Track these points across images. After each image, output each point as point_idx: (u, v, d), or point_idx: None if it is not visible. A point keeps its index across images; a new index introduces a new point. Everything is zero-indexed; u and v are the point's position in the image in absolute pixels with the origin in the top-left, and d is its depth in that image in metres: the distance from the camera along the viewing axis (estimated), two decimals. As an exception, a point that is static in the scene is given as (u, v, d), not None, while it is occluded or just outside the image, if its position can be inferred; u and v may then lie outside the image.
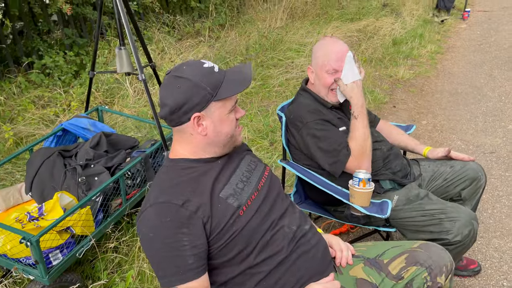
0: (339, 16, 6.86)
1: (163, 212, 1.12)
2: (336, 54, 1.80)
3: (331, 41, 1.88)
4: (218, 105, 1.19)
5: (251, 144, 3.35)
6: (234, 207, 1.20)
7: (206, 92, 1.16)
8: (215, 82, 1.17)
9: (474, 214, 1.70)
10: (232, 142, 1.28)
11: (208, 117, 1.19)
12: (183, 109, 1.16)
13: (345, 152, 1.73)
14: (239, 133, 1.30)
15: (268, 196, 1.32)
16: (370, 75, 4.93)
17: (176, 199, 1.13)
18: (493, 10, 8.97)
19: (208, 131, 1.21)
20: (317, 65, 1.84)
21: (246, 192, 1.26)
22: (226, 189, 1.23)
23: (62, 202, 1.93)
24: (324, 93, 1.86)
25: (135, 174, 2.25)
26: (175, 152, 1.28)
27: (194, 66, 1.19)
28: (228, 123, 1.23)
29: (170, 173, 1.24)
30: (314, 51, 1.89)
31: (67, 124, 2.40)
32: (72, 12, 3.58)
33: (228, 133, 1.24)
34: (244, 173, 1.32)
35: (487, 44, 6.43)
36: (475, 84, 4.79)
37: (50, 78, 4.10)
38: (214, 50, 5.00)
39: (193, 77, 1.16)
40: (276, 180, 1.44)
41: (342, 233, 2.45)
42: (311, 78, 1.91)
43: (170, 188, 1.17)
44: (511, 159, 3.13)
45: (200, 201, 1.16)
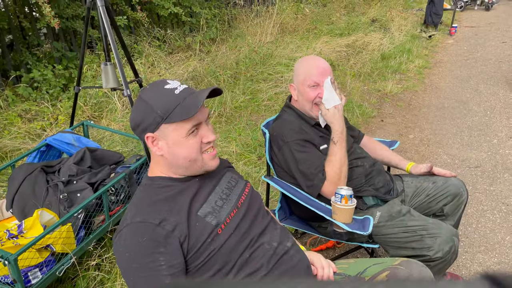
0: (328, 31, 6.95)
1: (140, 232, 1.11)
2: (316, 69, 1.83)
3: (311, 57, 1.92)
4: (171, 128, 1.17)
5: (239, 158, 3.35)
6: (212, 225, 1.20)
7: (156, 115, 1.15)
8: (169, 105, 1.15)
9: (455, 231, 1.70)
10: (198, 166, 1.24)
11: (162, 139, 1.19)
12: (139, 128, 1.19)
13: (320, 176, 1.73)
14: (211, 158, 1.25)
15: (248, 213, 1.31)
16: (359, 89, 4.97)
17: (153, 218, 1.13)
18: (480, 26, 9.14)
19: (163, 152, 1.20)
20: (298, 82, 1.87)
21: (225, 209, 1.26)
22: (205, 207, 1.23)
23: (43, 219, 1.91)
24: (309, 107, 1.87)
25: (119, 190, 2.23)
26: (152, 170, 1.28)
27: (155, 87, 1.20)
28: (186, 146, 1.18)
29: (148, 191, 1.23)
30: (296, 68, 1.92)
31: (51, 139, 2.39)
32: (60, 27, 3.58)
33: (187, 157, 1.20)
34: (223, 191, 1.32)
35: (474, 59, 6.54)
36: (461, 99, 4.86)
37: (38, 92, 4.08)
38: (204, 64, 5.02)
39: (148, 99, 1.17)
40: (257, 197, 1.44)
41: (329, 248, 2.44)
42: (294, 95, 1.93)
43: (147, 207, 1.17)
44: (495, 174, 3.16)
45: (177, 220, 1.15)
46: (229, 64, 5.08)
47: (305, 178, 1.77)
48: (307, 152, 1.78)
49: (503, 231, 2.53)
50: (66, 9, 4.56)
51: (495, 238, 2.47)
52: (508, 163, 3.30)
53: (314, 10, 7.88)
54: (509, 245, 2.40)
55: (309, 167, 1.75)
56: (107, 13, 2.32)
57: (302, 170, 1.77)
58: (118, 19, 4.78)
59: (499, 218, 2.65)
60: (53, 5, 4.31)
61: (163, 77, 4.43)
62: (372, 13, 8.44)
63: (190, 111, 1.14)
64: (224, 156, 3.35)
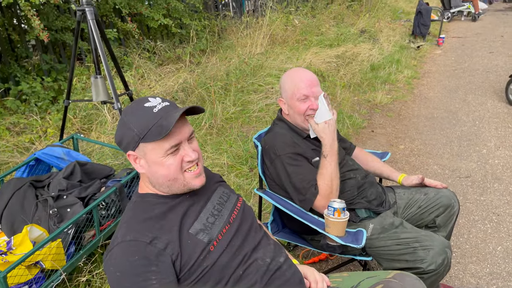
0: (318, 42, 7.00)
1: (131, 251, 1.09)
2: (304, 82, 1.85)
3: (297, 70, 1.93)
4: (150, 147, 1.15)
5: (230, 170, 3.34)
6: (204, 242, 1.19)
7: (134, 134, 1.15)
8: (145, 124, 1.13)
9: (448, 242, 1.71)
10: (179, 185, 1.21)
11: (142, 157, 1.18)
12: (122, 146, 1.20)
13: (312, 190, 1.73)
14: (193, 177, 1.22)
15: (240, 229, 1.30)
16: (349, 100, 5.01)
17: (144, 237, 1.11)
18: (467, 36, 9.30)
19: (145, 170, 1.20)
20: (287, 96, 1.88)
21: (217, 226, 1.25)
22: (196, 224, 1.22)
23: (32, 235, 1.87)
24: (301, 120, 1.88)
25: (110, 204, 2.20)
26: (142, 186, 1.27)
27: (135, 105, 1.19)
28: (164, 166, 1.16)
29: (138, 209, 1.21)
30: (283, 83, 1.92)
31: (40, 153, 2.36)
32: (49, 40, 3.56)
33: (167, 176, 1.18)
34: (215, 206, 1.31)
35: (461, 70, 6.64)
36: (450, 109, 4.92)
37: (26, 105, 4.04)
38: (195, 76, 5.02)
39: (127, 117, 1.17)
40: (250, 211, 1.43)
41: (321, 261, 2.44)
42: (284, 109, 1.94)
43: (137, 225, 1.15)
44: (485, 184, 3.19)
45: (169, 238, 1.14)
46: (219, 76, 5.08)
47: (297, 192, 1.77)
48: (299, 166, 1.77)
49: (494, 241, 2.54)
50: (55, 21, 4.54)
51: (487, 249, 2.48)
52: (497, 172, 3.34)
53: (303, 21, 7.95)
54: (501, 255, 2.42)
55: (301, 181, 1.75)
56: (97, 26, 2.31)
57: (294, 184, 1.76)
58: (108, 32, 4.78)
59: (490, 228, 2.67)
60: (42, 18, 4.29)
61: (153, 89, 4.42)
62: (361, 24, 8.54)
63: (162, 132, 1.12)
64: (216, 168, 3.34)
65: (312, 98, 1.85)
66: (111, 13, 5.17)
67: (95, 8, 2.34)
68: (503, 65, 6.66)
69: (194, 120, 4.07)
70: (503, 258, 2.40)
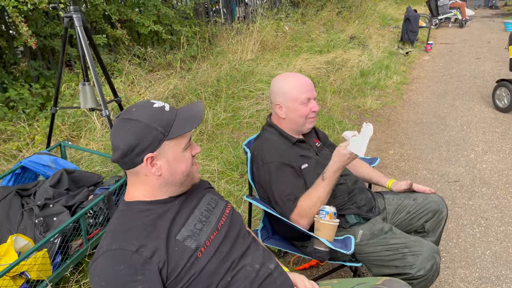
0: (308, 49, 7.04)
1: (116, 260, 1.08)
2: (305, 86, 1.88)
3: (294, 74, 1.95)
4: (172, 144, 1.18)
5: (221, 176, 3.32)
6: (192, 249, 1.17)
7: (158, 132, 1.15)
8: (167, 121, 1.17)
9: (437, 248, 1.72)
10: (189, 180, 1.27)
11: (162, 157, 1.18)
12: (135, 151, 1.15)
13: (290, 205, 1.73)
14: (196, 170, 1.29)
15: (228, 235, 1.29)
16: (339, 106, 5.04)
17: (130, 245, 1.10)
18: (454, 43, 9.42)
19: (162, 171, 1.19)
20: (288, 100, 1.86)
21: (205, 232, 1.24)
22: (184, 230, 1.20)
23: (17, 245, 1.84)
24: (302, 122, 1.90)
25: (98, 213, 2.18)
26: (130, 194, 1.25)
27: (143, 107, 1.19)
28: (183, 161, 1.22)
29: (124, 217, 1.20)
30: (279, 87, 1.90)
31: (26, 161, 2.33)
32: (37, 46, 3.53)
33: (185, 171, 1.23)
34: (203, 213, 1.30)
35: (449, 75, 6.71)
36: (438, 114, 4.96)
37: (14, 111, 3.99)
38: (185, 82, 5.01)
39: (143, 118, 1.15)
40: (238, 218, 1.42)
41: (312, 267, 2.43)
42: (281, 114, 1.90)
43: (123, 234, 1.14)
44: (474, 188, 3.21)
45: (156, 245, 1.12)
46: (210, 82, 5.08)
47: (275, 203, 1.78)
48: (283, 177, 1.77)
49: (483, 245, 2.56)
50: (44, 28, 4.51)
51: (476, 253, 2.49)
52: (485, 177, 3.37)
53: (294, 28, 8.00)
54: (489, 259, 2.43)
55: (281, 193, 1.75)
56: (85, 32, 2.30)
57: (273, 194, 1.78)
58: (98, 38, 4.75)
59: (478, 232, 2.69)
60: (30, 24, 4.25)
61: (143, 96, 4.40)
62: (350, 31, 8.61)
63: (194, 122, 1.20)
64: (206, 174, 3.32)
65: (313, 100, 1.89)
66: (100, 19, 5.14)
67: (82, 14, 2.32)
68: (490, 70, 6.75)
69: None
70: (491, 262, 2.41)
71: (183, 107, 1.26)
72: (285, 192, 1.75)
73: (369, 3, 11.51)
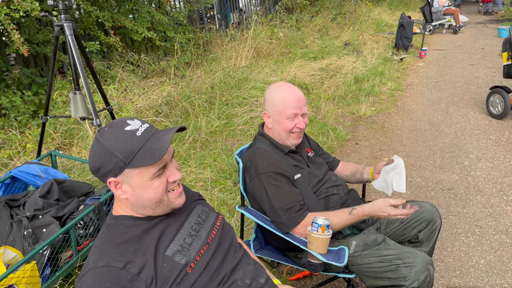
0: (302, 55, 7.05)
1: (103, 277, 1.05)
2: (294, 100, 1.85)
3: (286, 86, 1.92)
4: (135, 172, 1.11)
5: (214, 185, 3.30)
6: (181, 264, 1.15)
7: (118, 160, 1.09)
8: (131, 150, 1.09)
9: (430, 259, 1.70)
10: (164, 206, 1.19)
11: (126, 183, 1.13)
12: (100, 172, 1.13)
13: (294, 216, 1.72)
14: (176, 196, 1.21)
15: (219, 249, 1.27)
16: (333, 112, 5.03)
17: (117, 262, 1.07)
18: (448, 49, 9.48)
19: (128, 195, 1.15)
20: (275, 112, 1.87)
21: (195, 247, 1.22)
22: (173, 245, 1.18)
23: (6, 257, 1.81)
24: (285, 136, 1.89)
25: (88, 223, 2.15)
26: (117, 209, 1.23)
27: (115, 129, 1.13)
28: (150, 189, 1.14)
29: (112, 232, 1.17)
30: (270, 97, 1.91)
31: (16, 171, 2.29)
32: (29, 53, 3.50)
33: (152, 199, 1.15)
34: (193, 226, 1.27)
35: (443, 82, 6.74)
36: (432, 121, 4.97)
37: (5, 119, 3.95)
38: (179, 89, 4.99)
39: (107, 142, 1.10)
40: (229, 230, 1.40)
41: (306, 277, 2.41)
42: (268, 123, 1.92)
43: (110, 250, 1.11)
44: (468, 196, 3.21)
45: (143, 261, 1.10)
46: (204, 89, 5.06)
47: (274, 213, 1.76)
48: (279, 187, 1.76)
49: (477, 254, 2.55)
50: (36, 35, 4.48)
51: (470, 262, 2.48)
52: (479, 184, 3.37)
53: (288, 34, 8.01)
54: (484, 268, 2.42)
55: (281, 203, 1.73)
56: (76, 41, 2.28)
57: (272, 204, 1.75)
58: (91, 44, 4.73)
59: (473, 241, 2.68)
60: (23, 31, 4.23)
61: (136, 103, 4.37)
62: (345, 37, 8.64)
63: (155, 156, 1.09)
64: (199, 182, 3.30)
65: (300, 117, 1.86)
66: (94, 26, 5.13)
67: (73, 23, 2.30)
68: (483, 77, 6.79)
69: (177, 134, 4.03)
70: (486, 271, 2.40)
71: (157, 132, 1.16)
72: (285, 201, 1.74)
73: (363, 9, 11.57)
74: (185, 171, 3.46)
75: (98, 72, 4.90)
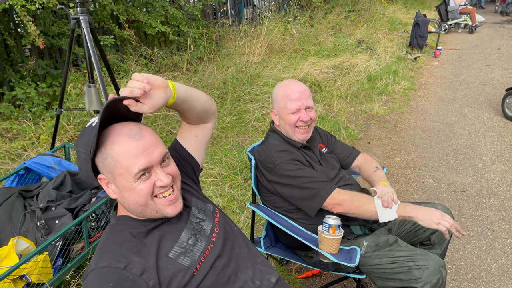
0: (315, 52, 7.01)
1: (105, 278, 1.03)
2: (295, 94, 1.86)
3: (289, 82, 1.95)
4: (118, 172, 1.07)
5: (224, 180, 3.30)
6: (185, 266, 1.12)
7: (84, 155, 1.07)
8: (87, 139, 1.05)
9: (443, 262, 1.68)
10: (152, 211, 1.13)
11: (112, 182, 1.11)
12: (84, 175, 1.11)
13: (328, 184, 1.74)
14: (167, 204, 1.14)
15: (224, 247, 1.23)
16: (345, 111, 5.00)
17: (118, 262, 1.05)
18: (464, 49, 9.35)
19: (117, 195, 1.13)
20: (279, 108, 1.89)
21: (199, 247, 1.18)
22: (176, 247, 1.15)
23: (18, 248, 1.83)
24: (291, 131, 1.89)
25: (100, 216, 2.16)
26: (119, 209, 1.21)
27: (80, 134, 1.11)
28: (134, 192, 1.08)
29: (114, 233, 1.15)
30: (275, 95, 1.93)
31: (30, 162, 2.32)
32: (44, 45, 3.53)
33: (137, 202, 1.10)
34: (195, 226, 1.23)
35: (458, 82, 6.65)
36: (446, 122, 4.91)
37: (20, 110, 4.00)
38: (191, 84, 5.00)
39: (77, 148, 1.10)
40: (230, 224, 1.36)
41: (315, 275, 2.40)
42: (275, 120, 1.94)
43: (112, 250, 1.09)
44: (481, 198, 3.17)
45: (145, 263, 1.07)
46: (216, 84, 5.06)
47: (305, 191, 1.75)
48: (301, 169, 1.78)
49: (490, 258, 2.52)
50: (52, 27, 4.52)
51: (482, 266, 2.45)
52: (493, 187, 3.32)
53: (301, 31, 7.97)
54: (496, 272, 2.39)
55: (309, 181, 1.74)
56: (92, 34, 2.29)
57: (301, 185, 1.75)
58: (105, 38, 4.75)
59: (485, 244, 2.64)
60: (38, 23, 4.26)
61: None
62: (358, 35, 8.57)
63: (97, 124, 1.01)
64: (210, 178, 3.30)
65: (303, 110, 1.85)
66: (108, 20, 5.15)
67: (89, 16, 2.31)
68: (499, 78, 6.68)
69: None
70: (498, 275, 2.37)
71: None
72: (313, 175, 1.76)
73: (378, 7, 11.45)
74: (196, 166, 3.46)
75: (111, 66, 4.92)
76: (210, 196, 3.06)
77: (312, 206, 1.76)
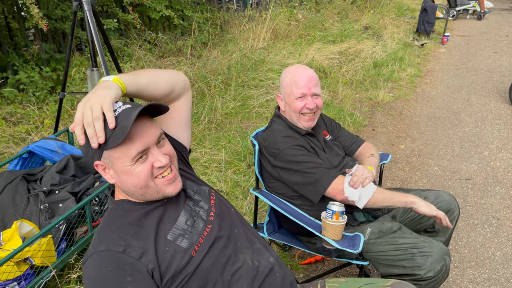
0: (321, 38, 6.92)
1: (104, 262, 1.03)
2: (302, 80, 1.83)
3: (297, 67, 1.91)
4: (115, 157, 1.06)
5: (228, 166, 3.30)
6: (184, 248, 1.12)
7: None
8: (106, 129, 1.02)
9: (447, 249, 1.67)
10: (153, 192, 1.14)
11: (110, 167, 1.10)
12: (89, 157, 1.10)
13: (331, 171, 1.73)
14: (166, 184, 1.14)
15: (222, 228, 1.23)
16: (351, 97, 4.96)
17: (116, 246, 1.05)
18: (471, 35, 9.21)
19: (115, 180, 1.12)
20: (285, 93, 1.86)
21: (197, 228, 1.18)
22: (174, 229, 1.15)
23: (22, 230, 1.84)
24: (296, 118, 1.86)
25: (103, 200, 2.16)
26: (116, 193, 1.21)
27: None
28: (133, 175, 1.08)
29: (112, 217, 1.15)
30: (282, 80, 1.91)
31: (33, 146, 2.31)
32: (48, 29, 3.50)
33: (137, 184, 1.10)
34: (192, 208, 1.23)
35: (465, 69, 6.56)
36: (452, 109, 4.86)
37: (24, 94, 3.99)
38: (195, 69, 4.96)
39: None
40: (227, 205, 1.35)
41: (318, 261, 2.40)
42: (281, 105, 1.92)
43: (110, 234, 1.09)
44: (486, 186, 3.14)
45: (144, 246, 1.07)
46: (220, 69, 5.02)
47: (309, 176, 1.73)
48: (306, 155, 1.77)
49: (494, 246, 2.50)
50: (55, 10, 4.48)
51: (486, 253, 2.44)
52: (499, 175, 3.29)
53: (307, 16, 7.86)
54: (500, 260, 2.38)
55: (312, 166, 1.73)
56: (94, 17, 2.26)
57: (304, 170, 1.74)
58: (109, 22, 4.71)
59: (489, 232, 2.63)
60: (41, 6, 4.23)
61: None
62: (365, 20, 8.45)
63: (124, 133, 1.01)
64: (213, 164, 3.30)
65: (309, 97, 1.82)
66: (112, 3, 5.10)
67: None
68: (507, 65, 6.59)
69: (193, 114, 4.02)
70: (502, 263, 2.36)
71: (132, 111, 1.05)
72: (316, 161, 1.75)
73: (385, -8, 11.27)
74: (199, 151, 3.46)
75: (115, 50, 4.89)
76: (214, 181, 3.05)
77: (315, 192, 1.74)
